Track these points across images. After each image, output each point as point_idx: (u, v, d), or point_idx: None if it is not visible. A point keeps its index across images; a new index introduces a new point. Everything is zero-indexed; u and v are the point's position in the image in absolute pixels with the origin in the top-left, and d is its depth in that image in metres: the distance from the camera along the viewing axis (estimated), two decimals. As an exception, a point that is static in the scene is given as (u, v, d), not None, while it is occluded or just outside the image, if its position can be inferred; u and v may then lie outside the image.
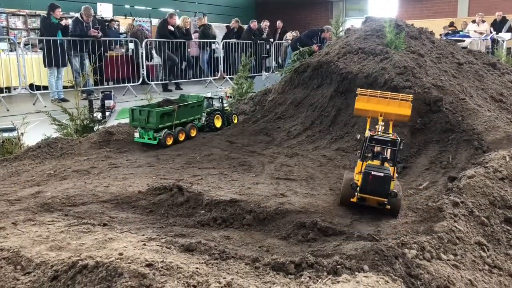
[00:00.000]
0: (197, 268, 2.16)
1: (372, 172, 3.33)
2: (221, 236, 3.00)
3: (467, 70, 6.29)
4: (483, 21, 15.44)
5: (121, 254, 2.21)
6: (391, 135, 3.58)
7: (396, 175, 3.53)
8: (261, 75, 12.22)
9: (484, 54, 7.75)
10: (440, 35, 14.64)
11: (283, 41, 16.68)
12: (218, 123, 6.52)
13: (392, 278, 2.19)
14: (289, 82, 6.79)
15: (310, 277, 2.19)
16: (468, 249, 2.67)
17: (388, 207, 3.38)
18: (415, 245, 2.52)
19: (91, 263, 2.08)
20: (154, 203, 3.59)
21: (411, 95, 3.93)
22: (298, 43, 10.69)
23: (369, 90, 3.98)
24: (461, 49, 7.16)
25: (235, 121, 6.78)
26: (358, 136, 4.11)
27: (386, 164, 3.48)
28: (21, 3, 15.14)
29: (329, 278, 2.16)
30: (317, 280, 2.16)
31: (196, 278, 2.05)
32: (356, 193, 3.41)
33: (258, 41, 15.38)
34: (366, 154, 3.54)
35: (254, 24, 15.48)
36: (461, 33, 15.43)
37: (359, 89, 4.03)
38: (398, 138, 3.49)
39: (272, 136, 5.95)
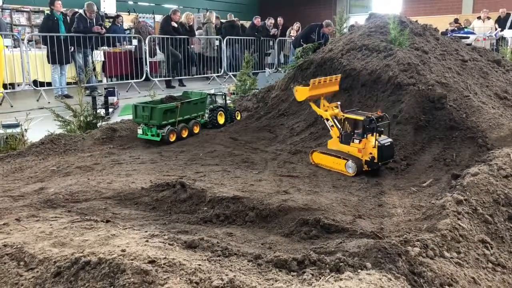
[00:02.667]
0: (199, 264, 2.16)
1: (384, 144, 4.33)
2: (223, 233, 3.00)
3: (471, 67, 6.24)
4: (488, 18, 15.32)
5: (123, 250, 2.21)
6: (375, 113, 4.50)
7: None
8: (265, 71, 12.18)
9: (489, 51, 7.69)
10: (446, 30, 14.56)
11: (286, 38, 16.62)
12: (221, 119, 6.51)
13: (395, 276, 2.18)
14: (293, 79, 6.77)
15: (312, 274, 2.19)
16: (472, 247, 2.66)
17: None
18: (418, 242, 2.51)
19: (93, 259, 2.08)
20: (157, 199, 3.59)
21: (340, 75, 5.11)
22: (301, 40, 10.61)
23: (310, 80, 4.82)
24: (465, 46, 7.11)
25: (238, 118, 6.77)
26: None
27: (382, 136, 4.41)
28: (24, -1, 15.18)
29: (332, 276, 2.16)
30: (320, 278, 2.15)
31: (199, 275, 2.05)
32: (369, 164, 4.37)
33: (262, 38, 15.31)
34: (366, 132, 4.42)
35: (257, 20, 15.39)
36: (465, 29, 15.34)
37: (311, 80, 4.85)
38: (385, 114, 4.54)
39: (275, 133, 5.94)
